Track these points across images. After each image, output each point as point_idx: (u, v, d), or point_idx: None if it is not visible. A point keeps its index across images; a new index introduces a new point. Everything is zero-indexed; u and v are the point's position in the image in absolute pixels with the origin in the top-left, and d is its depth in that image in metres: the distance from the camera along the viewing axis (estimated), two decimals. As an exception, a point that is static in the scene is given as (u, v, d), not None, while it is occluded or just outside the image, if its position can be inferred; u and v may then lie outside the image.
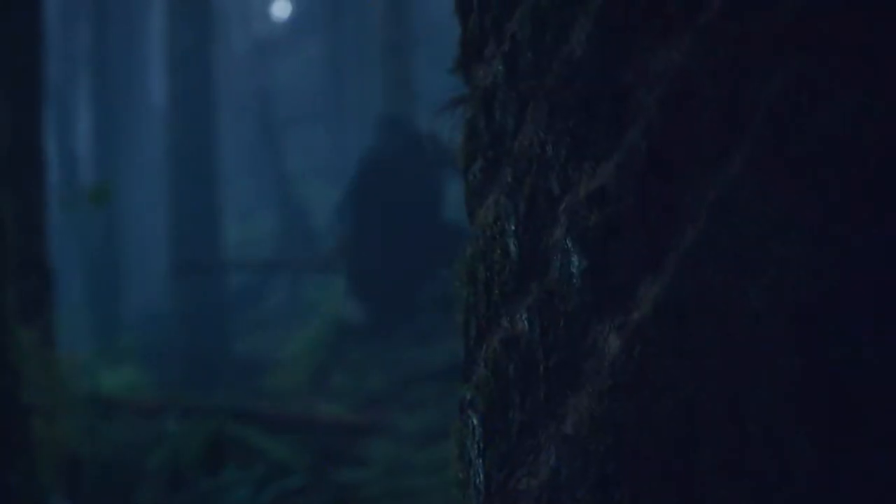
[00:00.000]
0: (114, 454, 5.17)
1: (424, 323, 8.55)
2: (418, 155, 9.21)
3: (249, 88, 21.44)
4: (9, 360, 2.94)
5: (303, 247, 16.95)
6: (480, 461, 1.05)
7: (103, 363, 6.04)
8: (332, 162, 20.71)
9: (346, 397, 8.28)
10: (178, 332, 12.00)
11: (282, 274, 16.89)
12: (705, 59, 0.94)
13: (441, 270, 9.14)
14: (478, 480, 1.05)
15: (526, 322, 1.01)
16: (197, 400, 7.47)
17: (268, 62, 20.07)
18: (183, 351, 11.78)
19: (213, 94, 12.93)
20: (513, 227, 1.04)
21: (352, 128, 19.01)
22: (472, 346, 1.10)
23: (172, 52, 12.76)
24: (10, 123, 4.40)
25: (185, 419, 6.35)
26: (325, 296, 12.67)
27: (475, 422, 1.06)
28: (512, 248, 1.04)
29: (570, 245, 0.98)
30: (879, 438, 0.88)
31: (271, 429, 6.73)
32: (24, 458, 2.97)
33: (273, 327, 13.59)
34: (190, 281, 12.02)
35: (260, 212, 22.27)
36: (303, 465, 6.33)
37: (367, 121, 17.95)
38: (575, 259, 0.97)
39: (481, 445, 1.05)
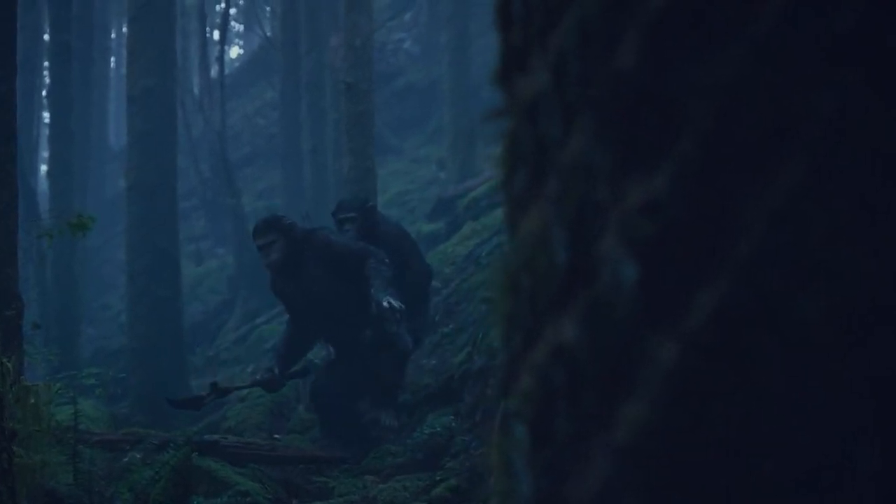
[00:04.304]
0: (87, 485, 5.11)
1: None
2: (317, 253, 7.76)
3: (207, 128, 21.44)
4: (-8, 387, 2.91)
5: (258, 286, 16.93)
6: (527, 471, 1.04)
7: (62, 396, 5.98)
8: (289, 202, 20.74)
9: (307, 431, 8.26)
10: (136, 367, 11.95)
11: (236, 312, 16.85)
12: (759, 70, 0.94)
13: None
14: (524, 490, 1.04)
15: (574, 331, 1.00)
16: (161, 433, 7.43)
17: (225, 103, 20.07)
18: (141, 386, 11.73)
19: (174, 133, 12.97)
20: (560, 236, 1.04)
21: (307, 169, 19.07)
22: (515, 356, 1.09)
23: (133, 91, 12.77)
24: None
25: (151, 451, 6.32)
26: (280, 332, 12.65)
27: (521, 431, 1.05)
28: (559, 256, 1.04)
29: (622, 254, 0.97)
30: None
31: (236, 461, 6.70)
32: (5, 486, 2.93)
33: (230, 364, 13.55)
34: (148, 317, 11.95)
35: (215, 250, 22.23)
36: (268, 496, 6.30)
37: (323, 162, 18.03)
38: (627, 268, 0.97)
39: (528, 455, 1.04)
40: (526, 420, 1.05)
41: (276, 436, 8.25)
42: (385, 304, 7.20)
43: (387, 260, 7.66)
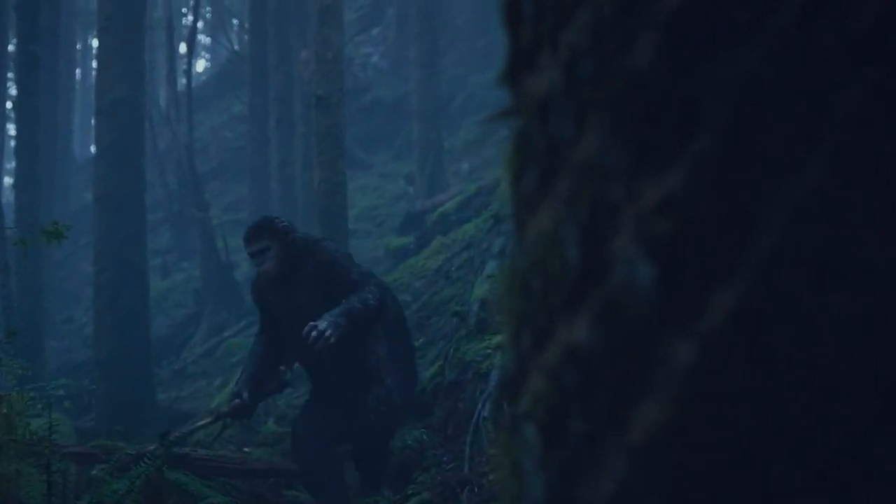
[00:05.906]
0: (61, 497, 5.07)
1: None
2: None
3: (174, 141, 21.38)
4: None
5: (225, 300, 16.88)
6: (538, 472, 1.03)
7: (30, 408, 5.93)
8: (257, 215, 20.69)
9: (276, 444, 8.24)
10: (102, 379, 11.85)
11: (202, 325, 16.79)
12: (774, 69, 0.94)
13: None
14: (535, 492, 1.03)
15: (588, 331, 0.99)
16: (130, 446, 7.38)
17: (192, 115, 20.00)
18: (107, 398, 11.64)
19: (142, 144, 12.92)
20: (572, 236, 1.03)
21: (275, 183, 19.06)
22: (525, 357, 1.08)
23: (101, 102, 12.71)
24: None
25: (120, 465, 6.28)
26: (247, 346, 12.61)
27: (531, 433, 1.04)
28: (571, 256, 1.03)
29: (637, 253, 0.96)
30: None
31: (206, 474, 6.67)
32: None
33: (197, 377, 13.49)
34: (114, 329, 11.87)
35: (181, 264, 22.15)
36: (239, 509, 6.28)
37: (290, 176, 18.00)
38: (643, 267, 0.96)
39: (539, 456, 1.03)
40: (537, 421, 1.04)
41: (246, 449, 8.21)
42: (320, 325, 6.26)
43: (373, 302, 6.60)
